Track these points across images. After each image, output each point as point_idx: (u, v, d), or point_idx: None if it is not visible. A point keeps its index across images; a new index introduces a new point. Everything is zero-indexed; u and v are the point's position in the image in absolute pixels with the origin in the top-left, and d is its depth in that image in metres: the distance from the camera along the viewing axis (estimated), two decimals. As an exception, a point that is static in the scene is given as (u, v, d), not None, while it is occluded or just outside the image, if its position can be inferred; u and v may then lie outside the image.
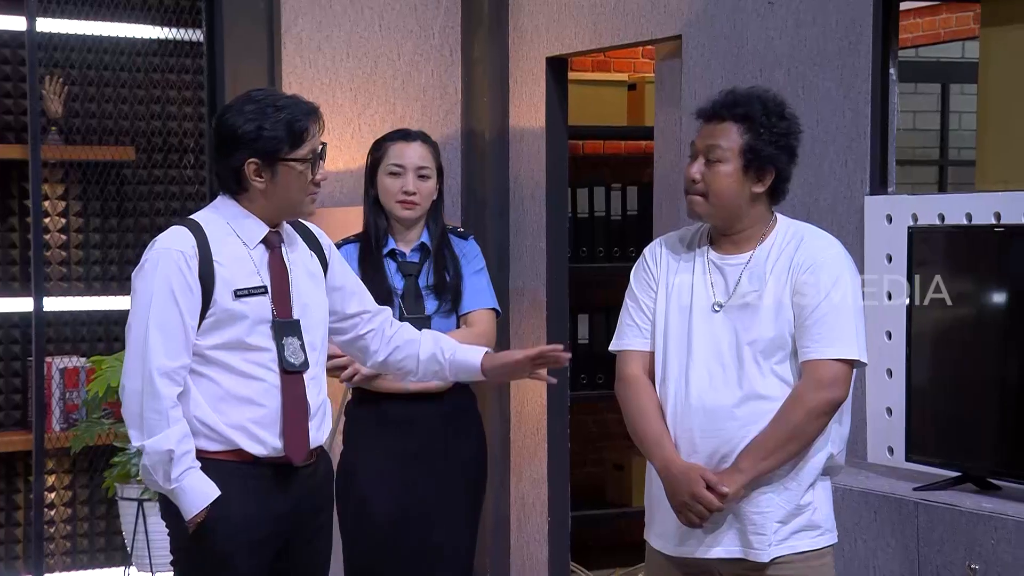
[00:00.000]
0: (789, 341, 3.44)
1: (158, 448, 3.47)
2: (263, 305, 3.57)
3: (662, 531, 3.56)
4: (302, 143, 3.56)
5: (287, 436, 3.58)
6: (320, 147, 3.61)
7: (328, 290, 3.77)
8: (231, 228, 3.58)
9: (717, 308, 3.49)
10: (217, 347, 3.53)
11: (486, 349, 3.91)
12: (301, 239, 3.73)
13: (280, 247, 3.64)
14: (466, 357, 3.88)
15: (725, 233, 3.53)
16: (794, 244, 3.48)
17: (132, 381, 3.51)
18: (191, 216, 3.63)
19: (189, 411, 3.52)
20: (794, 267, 3.45)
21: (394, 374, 4.03)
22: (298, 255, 3.69)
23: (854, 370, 3.46)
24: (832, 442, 3.50)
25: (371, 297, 3.92)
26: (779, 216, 3.57)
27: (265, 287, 3.58)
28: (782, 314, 3.44)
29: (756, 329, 3.44)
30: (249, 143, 3.53)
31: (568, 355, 3.86)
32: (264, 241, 3.61)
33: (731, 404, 3.43)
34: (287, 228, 3.69)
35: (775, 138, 3.46)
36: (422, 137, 4.48)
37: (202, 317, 3.52)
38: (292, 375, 3.58)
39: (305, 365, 3.61)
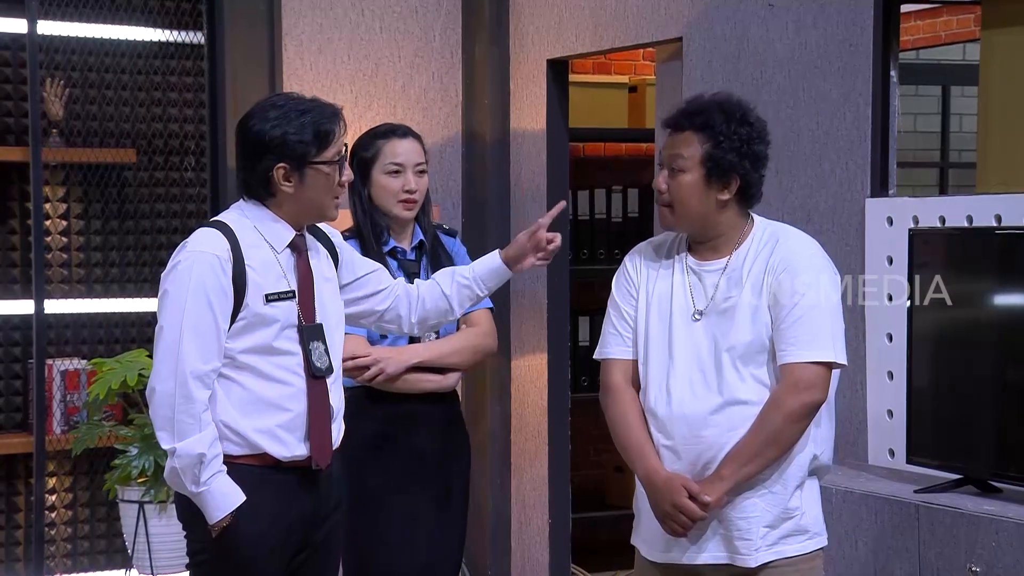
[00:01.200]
0: (767, 344, 3.44)
1: (190, 451, 3.46)
2: (291, 310, 3.58)
3: (648, 537, 3.56)
4: (328, 145, 3.57)
5: (313, 441, 3.59)
6: (344, 148, 3.62)
7: (348, 280, 3.81)
8: (259, 232, 3.59)
9: (697, 316, 3.48)
10: (245, 351, 3.54)
11: (496, 251, 3.95)
12: (318, 241, 3.75)
13: (306, 251, 3.65)
14: (486, 265, 3.92)
15: (700, 240, 3.54)
16: (769, 247, 3.48)
17: (164, 384, 3.49)
18: (218, 218, 3.64)
19: (215, 415, 3.52)
20: (770, 269, 3.45)
21: (439, 320, 4.00)
22: (317, 259, 3.71)
23: (832, 371, 3.46)
24: (814, 442, 3.49)
25: (386, 273, 3.93)
26: (756, 218, 3.56)
27: (293, 292, 3.59)
28: (759, 318, 3.44)
29: (734, 334, 3.44)
30: (276, 148, 3.53)
31: (553, 236, 3.91)
32: (291, 245, 3.62)
33: (711, 411, 3.43)
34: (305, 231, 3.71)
35: (737, 145, 3.44)
36: (412, 132, 4.46)
37: (232, 320, 3.52)
38: (318, 380, 3.60)
39: (330, 370, 3.62)
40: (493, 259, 3.92)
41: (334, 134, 3.58)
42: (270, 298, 3.55)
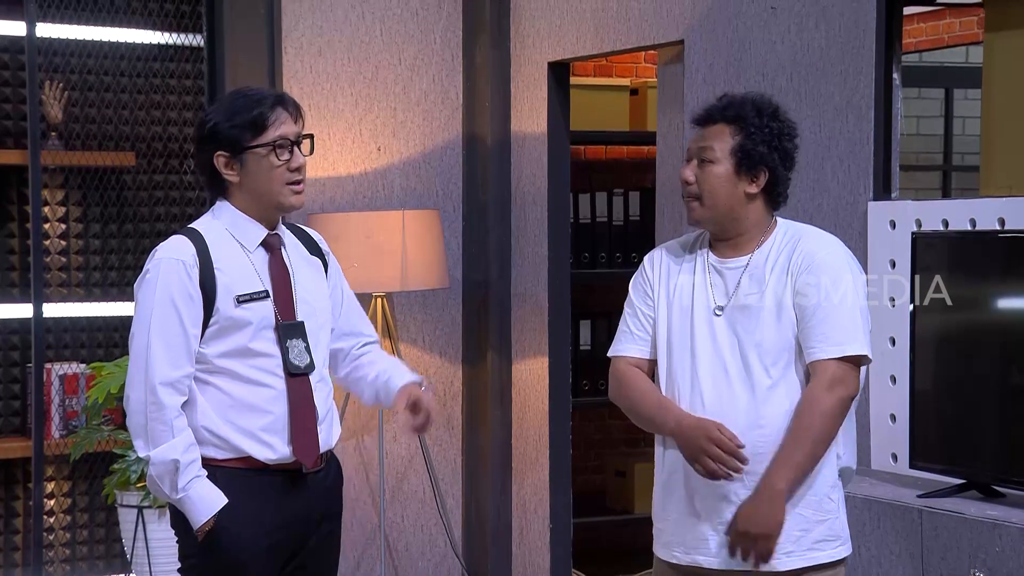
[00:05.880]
0: (793, 343, 3.42)
1: (164, 458, 3.47)
2: (266, 309, 3.56)
3: (668, 540, 3.52)
4: (264, 129, 3.54)
5: (296, 441, 3.56)
6: (297, 136, 3.58)
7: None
8: (230, 233, 3.58)
9: (718, 312, 3.47)
10: (222, 355, 3.53)
11: (412, 379, 3.74)
12: (301, 244, 3.73)
13: (280, 249, 3.63)
14: (380, 386, 3.75)
15: (723, 237, 3.52)
16: (792, 245, 3.47)
17: (136, 392, 3.50)
18: (190, 225, 3.64)
19: (196, 420, 3.52)
20: (792, 268, 3.43)
21: (355, 390, 3.87)
22: (299, 257, 3.68)
23: (862, 366, 3.43)
24: (835, 443, 3.46)
25: (361, 315, 3.87)
26: (779, 220, 3.55)
27: (267, 291, 3.57)
28: (783, 315, 3.42)
29: (759, 332, 3.42)
30: (213, 136, 3.55)
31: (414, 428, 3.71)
32: (264, 244, 3.61)
33: (739, 408, 3.40)
34: (286, 232, 3.69)
35: (767, 138, 3.45)
36: None
37: (205, 325, 3.51)
38: (298, 378, 3.58)
39: (311, 367, 3.59)
40: (393, 385, 3.72)
41: (268, 119, 3.54)
42: (241, 299, 3.53)
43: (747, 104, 3.48)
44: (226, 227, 3.59)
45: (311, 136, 3.63)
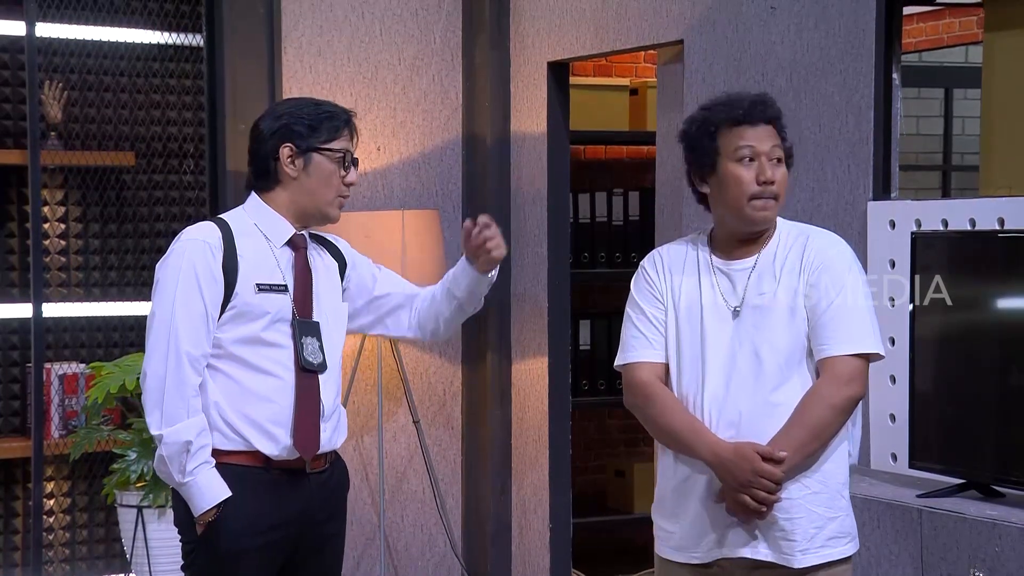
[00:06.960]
0: (805, 342, 3.39)
1: (177, 439, 3.48)
2: (284, 303, 3.60)
3: (681, 543, 3.46)
4: (336, 137, 3.62)
5: (298, 431, 3.58)
6: (350, 152, 3.65)
7: (357, 284, 3.80)
8: (257, 228, 3.63)
9: (735, 314, 3.43)
10: (234, 341, 3.56)
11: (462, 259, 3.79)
12: (322, 248, 3.76)
13: (305, 249, 3.67)
14: (454, 271, 3.78)
15: (749, 238, 3.47)
16: (800, 243, 3.45)
17: (156, 366, 3.51)
18: (219, 215, 3.69)
19: (207, 402, 3.54)
20: (804, 267, 3.41)
21: (436, 324, 3.86)
22: (321, 261, 3.73)
23: (869, 365, 3.41)
24: (849, 441, 3.46)
25: (401, 280, 3.90)
26: (779, 219, 3.53)
27: (286, 286, 3.61)
28: (797, 314, 3.39)
29: (772, 332, 3.39)
30: (284, 129, 3.60)
31: (485, 234, 3.68)
32: (289, 243, 3.65)
33: (752, 411, 3.37)
34: (309, 240, 3.72)
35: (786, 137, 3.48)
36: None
37: (223, 310, 3.55)
38: (308, 374, 3.60)
39: (323, 366, 3.63)
40: (460, 264, 3.78)
41: (342, 129, 3.63)
42: (261, 287, 3.57)
43: (774, 103, 3.48)
44: (255, 221, 3.63)
45: (358, 161, 3.70)
